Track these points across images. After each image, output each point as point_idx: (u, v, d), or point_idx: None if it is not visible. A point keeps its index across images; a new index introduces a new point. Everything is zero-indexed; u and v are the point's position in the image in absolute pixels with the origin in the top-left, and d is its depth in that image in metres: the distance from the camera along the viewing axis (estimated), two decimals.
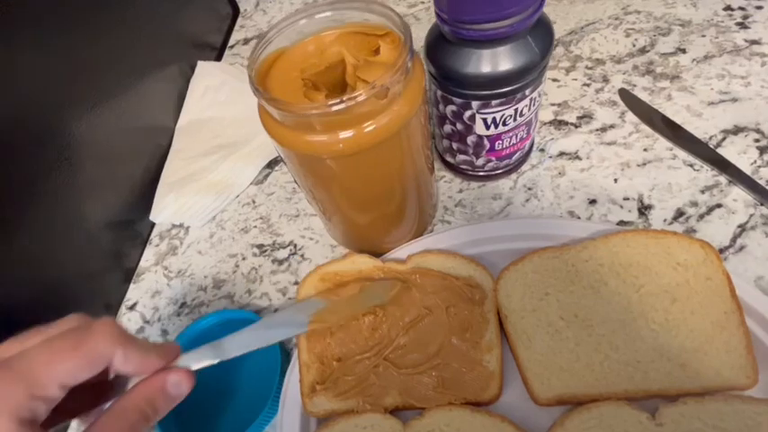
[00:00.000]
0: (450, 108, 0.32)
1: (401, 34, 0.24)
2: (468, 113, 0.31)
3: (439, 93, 0.32)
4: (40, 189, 0.33)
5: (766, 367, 0.25)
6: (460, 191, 0.39)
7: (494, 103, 0.30)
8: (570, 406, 0.26)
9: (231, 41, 0.59)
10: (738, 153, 0.36)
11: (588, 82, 0.43)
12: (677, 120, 0.38)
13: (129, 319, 0.38)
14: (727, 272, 0.27)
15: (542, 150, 0.39)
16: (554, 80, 0.44)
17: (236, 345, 0.23)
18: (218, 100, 0.47)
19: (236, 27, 0.61)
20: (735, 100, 0.38)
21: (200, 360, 0.22)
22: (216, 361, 0.23)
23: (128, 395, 0.20)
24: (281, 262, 0.38)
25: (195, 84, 0.49)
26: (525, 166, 0.39)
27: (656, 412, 0.24)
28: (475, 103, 0.30)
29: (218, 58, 0.57)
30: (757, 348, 0.26)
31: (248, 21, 0.61)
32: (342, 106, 0.21)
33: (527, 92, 0.30)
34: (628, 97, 0.41)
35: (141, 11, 0.45)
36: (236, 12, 0.62)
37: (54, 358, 0.18)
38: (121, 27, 0.42)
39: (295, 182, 0.41)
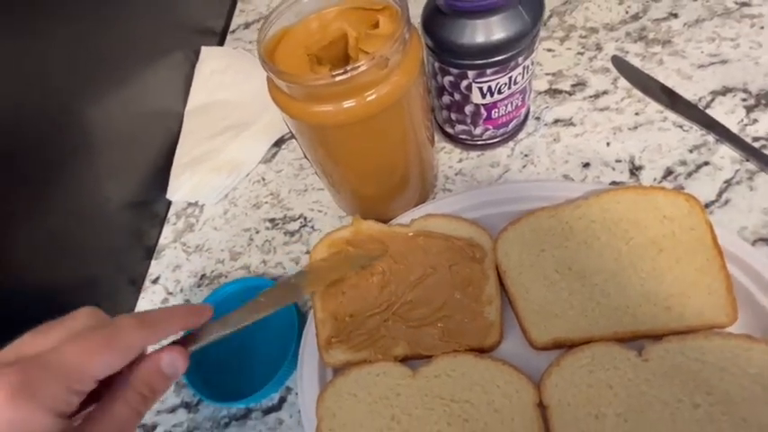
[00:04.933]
0: (448, 78, 0.33)
1: (398, 7, 0.26)
2: (464, 83, 0.33)
3: (436, 64, 0.33)
4: (63, 174, 0.36)
5: (745, 306, 0.28)
6: (460, 160, 0.41)
7: (488, 71, 0.31)
8: (564, 348, 0.29)
9: (232, 26, 0.60)
10: (726, 113, 0.37)
11: (582, 51, 0.44)
12: (668, 83, 0.40)
13: (153, 292, 0.41)
14: (710, 221, 0.29)
15: (538, 119, 0.41)
16: (549, 50, 0.45)
17: (239, 319, 0.25)
18: (224, 83, 0.49)
19: (237, 12, 0.62)
20: (724, 62, 0.40)
21: (208, 335, 0.24)
22: (221, 335, 0.25)
23: (128, 382, 0.20)
24: (292, 234, 0.41)
25: (201, 68, 0.51)
26: (522, 134, 0.40)
27: (643, 350, 0.27)
28: (471, 73, 0.32)
29: (221, 42, 0.58)
30: (737, 290, 0.28)
31: (248, 5, 0.62)
32: (345, 76, 0.23)
33: (520, 60, 0.31)
34: (620, 64, 0.42)
35: (144, 1, 0.46)
36: None
37: (89, 353, 0.18)
38: (127, 19, 0.44)
39: (305, 156, 0.42)
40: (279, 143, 0.46)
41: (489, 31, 0.29)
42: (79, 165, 0.37)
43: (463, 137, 0.39)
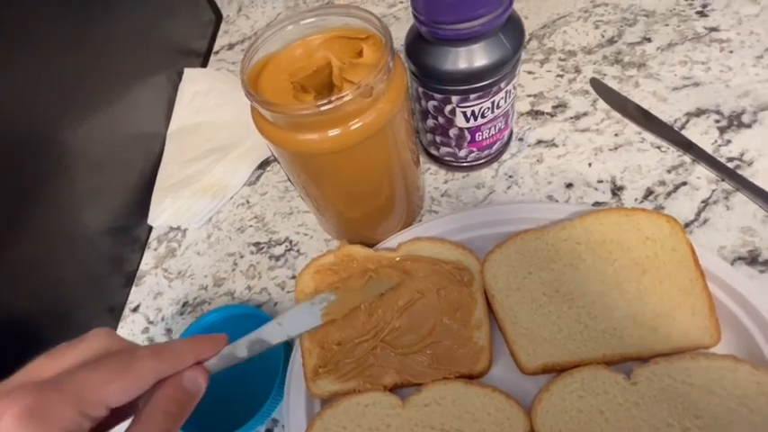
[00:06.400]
0: (432, 103, 0.34)
1: (382, 37, 0.26)
2: (448, 108, 0.33)
3: (420, 89, 0.33)
4: (40, 198, 0.35)
5: (728, 327, 0.28)
6: (446, 181, 0.41)
7: (472, 96, 0.32)
8: (554, 373, 0.28)
9: (216, 47, 0.60)
10: (701, 134, 0.38)
11: (561, 73, 0.45)
12: (645, 105, 0.41)
13: (133, 321, 0.40)
14: (691, 242, 0.29)
15: (521, 140, 0.42)
16: (529, 72, 0.46)
17: (254, 345, 0.25)
18: (207, 105, 0.49)
19: (220, 33, 0.62)
20: (696, 84, 0.41)
21: (221, 361, 0.24)
22: (236, 362, 0.24)
23: (152, 401, 0.20)
24: (277, 258, 0.40)
25: (183, 90, 0.50)
26: (505, 156, 0.41)
27: (631, 373, 0.27)
28: (454, 98, 0.32)
29: (204, 64, 0.58)
30: (719, 310, 0.28)
31: (231, 26, 0.63)
32: (330, 106, 0.23)
33: (502, 85, 0.32)
34: (598, 86, 0.43)
35: (126, 22, 0.46)
36: (218, 18, 0.63)
37: (103, 379, 0.18)
38: (108, 39, 0.43)
39: (288, 180, 0.42)
40: (263, 165, 0.46)
41: (471, 58, 0.30)
42: (57, 189, 0.36)
43: (448, 159, 0.39)
